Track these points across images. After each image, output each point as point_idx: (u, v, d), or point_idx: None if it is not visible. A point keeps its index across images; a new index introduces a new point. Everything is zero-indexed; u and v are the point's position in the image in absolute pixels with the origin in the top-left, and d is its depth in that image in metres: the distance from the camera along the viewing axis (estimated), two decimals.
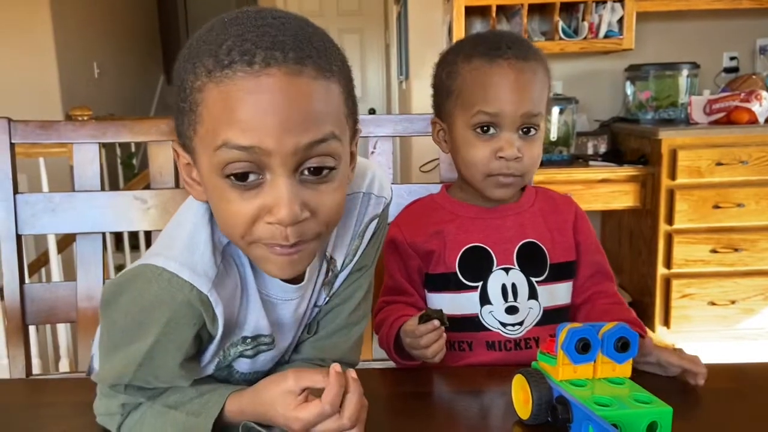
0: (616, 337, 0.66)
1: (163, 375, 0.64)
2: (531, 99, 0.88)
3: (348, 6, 5.30)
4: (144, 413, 0.66)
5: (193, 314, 0.60)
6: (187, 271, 0.59)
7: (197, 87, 0.55)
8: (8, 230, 1.06)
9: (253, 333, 0.68)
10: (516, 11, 2.83)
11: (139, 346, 0.61)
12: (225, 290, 0.62)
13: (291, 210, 0.55)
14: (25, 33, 4.02)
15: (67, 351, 2.45)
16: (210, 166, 0.56)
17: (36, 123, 1.08)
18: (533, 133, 0.90)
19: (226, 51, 0.53)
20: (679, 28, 3.06)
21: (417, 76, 3.21)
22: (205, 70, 0.54)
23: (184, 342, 0.62)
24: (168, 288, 0.58)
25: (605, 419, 0.60)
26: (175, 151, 0.62)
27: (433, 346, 0.81)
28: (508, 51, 0.88)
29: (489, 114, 0.88)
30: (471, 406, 0.75)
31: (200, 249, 0.61)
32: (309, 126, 0.54)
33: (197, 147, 0.58)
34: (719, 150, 2.54)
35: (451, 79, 0.92)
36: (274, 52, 0.53)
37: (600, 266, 0.98)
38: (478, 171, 0.91)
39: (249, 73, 0.53)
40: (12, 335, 1.07)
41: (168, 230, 0.66)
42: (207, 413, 0.63)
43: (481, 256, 0.93)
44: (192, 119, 0.56)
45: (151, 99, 6.17)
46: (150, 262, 0.59)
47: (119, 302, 0.61)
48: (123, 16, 5.53)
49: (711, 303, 2.64)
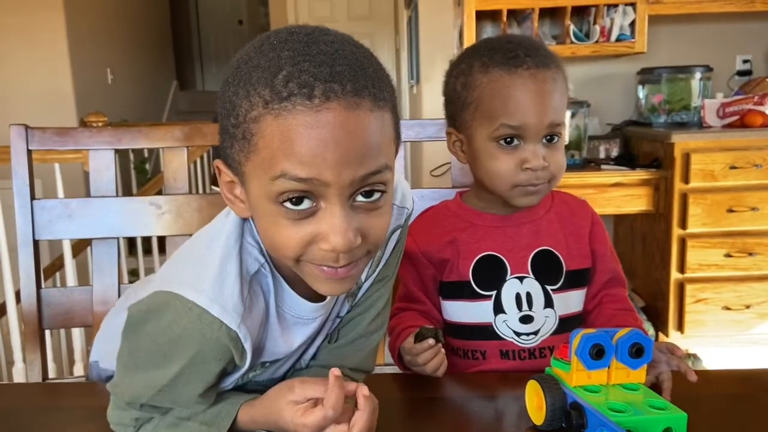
0: (630, 343, 0.66)
1: (181, 401, 0.65)
2: (554, 108, 0.86)
3: (359, 11, 5.32)
4: (157, 425, 0.67)
5: (221, 350, 0.60)
6: (217, 307, 0.59)
7: (253, 117, 0.54)
8: (25, 236, 1.08)
9: (272, 358, 0.68)
10: (527, 15, 2.82)
11: (162, 373, 0.62)
12: (252, 321, 0.63)
13: (346, 238, 0.56)
14: (40, 40, 4.07)
15: (82, 355, 2.47)
16: (263, 192, 0.56)
17: (53, 130, 1.10)
18: (557, 140, 0.89)
19: (283, 82, 0.53)
20: (692, 31, 3.04)
21: (428, 81, 3.21)
22: (261, 101, 0.53)
23: (208, 374, 0.63)
24: (198, 323, 0.59)
25: (620, 425, 0.60)
26: (218, 168, 0.62)
27: (431, 363, 0.81)
28: (527, 60, 0.85)
29: (512, 127, 0.86)
30: (484, 412, 0.76)
31: (230, 283, 0.60)
32: (365, 159, 0.55)
33: (249, 173, 0.57)
34: (733, 153, 2.52)
35: (468, 89, 0.90)
36: (333, 84, 0.52)
37: (614, 273, 0.98)
38: (504, 182, 0.89)
39: (308, 107, 0.52)
40: (29, 339, 1.08)
41: (193, 256, 0.65)
42: (219, 423, 0.64)
43: (495, 265, 0.93)
44: (245, 147, 0.55)
45: (163, 104, 6.22)
46: (180, 293, 0.59)
47: (146, 329, 0.62)
48: (136, 22, 5.59)
49: (725, 308, 2.62)
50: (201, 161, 3.67)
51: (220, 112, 0.58)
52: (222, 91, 0.59)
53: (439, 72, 1.01)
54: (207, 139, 1.15)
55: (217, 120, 0.60)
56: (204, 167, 3.73)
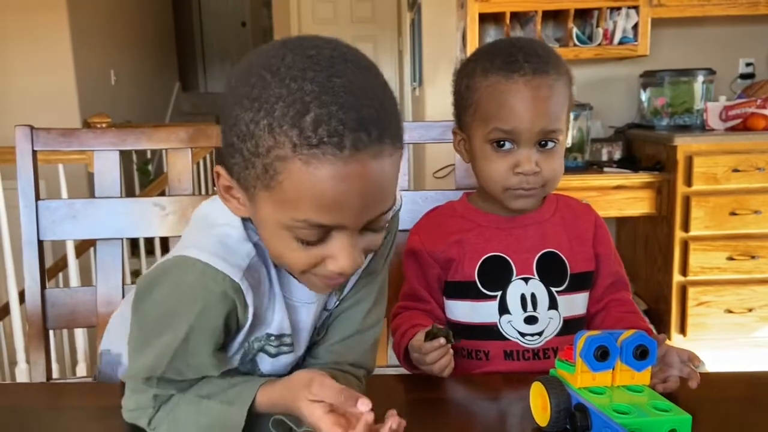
0: (635, 345, 0.66)
1: (197, 363, 0.66)
2: (547, 115, 0.87)
3: (362, 13, 5.33)
4: (176, 403, 0.68)
5: (226, 302, 0.63)
6: (219, 261, 0.62)
7: (278, 156, 0.54)
8: (30, 236, 1.08)
9: (278, 332, 0.70)
10: (530, 18, 2.83)
11: (173, 336, 0.64)
12: (255, 281, 0.65)
13: (354, 263, 0.59)
14: (44, 41, 4.08)
15: (85, 356, 2.48)
16: (278, 221, 0.58)
17: (58, 131, 1.10)
18: (552, 145, 0.89)
19: (311, 126, 0.53)
20: (695, 34, 3.04)
21: (430, 83, 3.22)
22: (288, 142, 0.54)
23: (216, 329, 0.64)
24: (201, 277, 0.61)
25: (624, 427, 0.60)
26: (218, 173, 0.62)
27: (439, 363, 0.81)
28: (525, 65, 0.86)
29: (505, 131, 0.88)
30: (488, 413, 0.76)
31: (232, 241, 0.64)
32: (382, 202, 0.59)
33: (263, 198, 0.58)
34: (735, 156, 2.52)
35: (470, 92, 0.92)
36: (361, 134, 0.54)
37: (618, 276, 0.98)
38: (496, 185, 0.91)
39: (338, 157, 0.53)
40: (33, 339, 1.08)
41: (196, 228, 0.68)
42: (241, 402, 0.65)
43: (501, 266, 0.93)
44: (265, 179, 0.56)
45: (166, 106, 6.23)
46: (183, 254, 0.62)
47: (153, 294, 0.64)
48: (139, 24, 5.60)
49: (728, 311, 2.62)
50: (204, 162, 3.68)
51: (230, 128, 0.58)
52: (230, 104, 0.58)
53: (442, 75, 1.02)
54: (211, 140, 1.15)
55: (220, 123, 0.61)
56: (207, 168, 3.73)
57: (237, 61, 4.71)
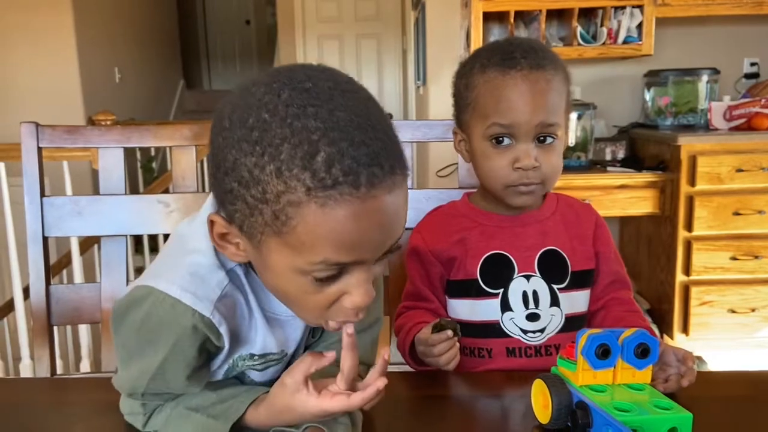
0: (636, 344, 0.66)
1: (174, 385, 0.67)
2: (545, 109, 0.87)
3: (366, 12, 5.33)
4: (169, 415, 0.69)
5: (197, 335, 0.62)
6: (188, 295, 0.61)
7: (291, 201, 0.52)
8: (35, 233, 1.09)
9: (261, 351, 0.70)
10: (534, 17, 2.83)
11: (150, 360, 0.64)
12: (229, 309, 0.64)
13: (370, 297, 0.58)
14: (49, 38, 4.09)
15: (89, 352, 2.49)
16: (292, 266, 0.56)
17: (63, 128, 1.10)
18: (550, 141, 0.90)
19: (324, 167, 0.51)
20: (699, 34, 3.04)
21: (434, 82, 3.22)
22: (301, 186, 0.51)
23: (190, 358, 0.64)
24: (172, 312, 0.61)
25: (625, 424, 0.60)
26: (212, 221, 0.59)
27: (446, 355, 0.82)
28: (522, 61, 0.87)
29: (503, 126, 0.88)
30: (490, 410, 0.76)
31: (203, 272, 0.62)
32: (396, 233, 0.57)
33: (271, 245, 0.56)
34: (739, 156, 2.52)
35: (468, 90, 0.92)
36: (374, 169, 0.52)
37: (618, 275, 0.98)
38: (497, 182, 0.91)
39: (355, 196, 0.52)
40: (38, 335, 1.09)
41: (170, 251, 0.67)
42: (225, 419, 0.65)
43: (502, 264, 0.94)
44: (275, 225, 0.54)
45: (170, 103, 6.24)
46: (154, 286, 0.61)
47: (126, 322, 0.64)
48: (144, 22, 5.61)
49: (730, 311, 2.61)
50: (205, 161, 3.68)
51: (227, 173, 0.55)
52: (222, 147, 0.55)
53: (446, 73, 1.03)
54: None
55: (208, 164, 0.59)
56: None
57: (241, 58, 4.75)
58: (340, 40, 5.34)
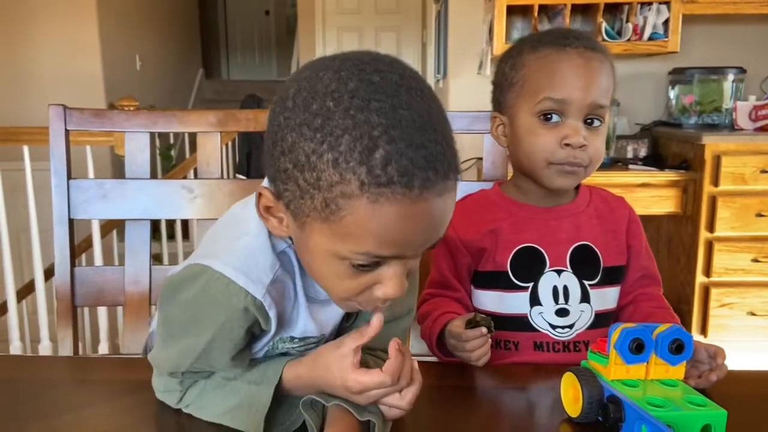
0: (671, 339, 0.65)
1: (218, 365, 0.68)
2: (599, 88, 0.87)
3: (386, 4, 5.31)
4: (204, 387, 0.70)
5: (247, 317, 0.63)
6: (242, 277, 0.61)
7: (344, 192, 0.52)
8: (61, 214, 1.09)
9: (301, 335, 0.70)
10: (558, 11, 2.80)
11: (196, 341, 0.65)
12: (278, 292, 0.65)
13: (402, 289, 0.59)
14: (71, 26, 4.12)
15: (108, 335, 2.51)
16: (332, 250, 0.57)
17: (90, 111, 1.11)
18: (598, 124, 0.89)
19: (381, 165, 0.51)
20: (726, 32, 2.99)
21: (455, 75, 3.20)
22: (356, 179, 0.52)
23: (237, 339, 0.65)
24: (225, 292, 0.61)
25: (659, 420, 0.59)
26: (261, 194, 0.60)
27: (478, 351, 0.81)
28: (576, 41, 0.87)
29: (556, 100, 0.87)
30: (517, 402, 0.75)
31: (257, 254, 0.63)
32: (440, 233, 0.58)
33: (316, 229, 0.56)
34: (764, 157, 2.48)
35: (515, 70, 0.92)
36: (429, 173, 0.52)
37: (648, 270, 0.97)
38: (541, 159, 0.90)
39: (407, 196, 0.52)
40: (62, 317, 1.10)
41: (225, 232, 0.68)
42: (267, 381, 0.66)
43: (534, 257, 0.93)
44: (324, 212, 0.54)
45: (189, 91, 6.28)
46: (209, 265, 0.62)
47: (177, 299, 0.64)
48: (165, 10, 5.63)
49: (750, 313, 2.58)
50: (226, 148, 3.69)
51: (284, 153, 0.55)
52: (283, 126, 0.55)
53: (467, 67, 1.02)
54: (240, 125, 1.16)
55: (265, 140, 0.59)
56: (230, 153, 3.75)
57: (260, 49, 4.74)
58: (360, 32, 5.33)
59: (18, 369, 0.87)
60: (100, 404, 0.75)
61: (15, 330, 2.47)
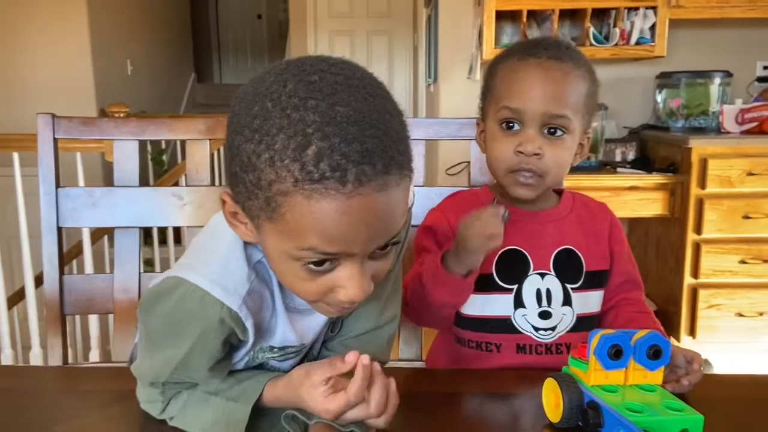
0: (649, 345, 0.67)
1: (197, 376, 0.69)
2: (554, 98, 0.88)
3: (377, 8, 5.33)
4: (186, 400, 0.70)
5: (224, 328, 0.63)
6: (218, 289, 0.62)
7: (280, 190, 0.53)
8: (50, 223, 1.10)
9: (281, 344, 0.71)
10: (547, 16, 2.82)
11: (174, 352, 0.65)
12: (255, 302, 0.65)
13: (363, 291, 0.59)
14: (62, 30, 4.11)
15: (99, 342, 2.50)
16: (284, 251, 0.57)
17: (79, 119, 1.11)
18: (560, 134, 0.89)
19: (313, 160, 0.51)
20: (713, 36, 3.02)
21: (445, 80, 3.21)
22: (290, 176, 0.52)
23: (214, 350, 0.65)
24: (201, 304, 0.62)
25: (637, 425, 0.60)
26: (223, 200, 0.61)
27: (490, 231, 0.82)
28: (542, 51, 0.89)
29: (511, 109, 0.90)
30: (500, 409, 0.76)
31: (232, 265, 0.64)
32: (391, 230, 0.57)
33: (268, 229, 0.57)
34: (751, 160, 2.51)
35: (489, 77, 0.95)
36: (364, 167, 0.52)
37: (630, 275, 0.98)
38: (500, 167, 0.92)
39: (341, 192, 0.52)
40: (51, 325, 1.10)
41: (203, 244, 0.69)
42: (245, 399, 0.67)
43: (518, 260, 0.94)
44: (268, 211, 0.55)
45: (181, 96, 6.27)
46: (185, 277, 0.62)
47: (155, 311, 0.65)
48: (157, 14, 5.63)
49: (738, 314, 2.61)
50: (217, 154, 3.69)
51: (233, 157, 0.56)
52: (232, 132, 0.57)
53: (457, 71, 1.04)
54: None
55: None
56: (220, 160, 3.75)
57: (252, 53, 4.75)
58: (351, 36, 5.35)
59: (7, 379, 0.88)
60: (89, 414, 0.75)
61: (5, 337, 2.46)
